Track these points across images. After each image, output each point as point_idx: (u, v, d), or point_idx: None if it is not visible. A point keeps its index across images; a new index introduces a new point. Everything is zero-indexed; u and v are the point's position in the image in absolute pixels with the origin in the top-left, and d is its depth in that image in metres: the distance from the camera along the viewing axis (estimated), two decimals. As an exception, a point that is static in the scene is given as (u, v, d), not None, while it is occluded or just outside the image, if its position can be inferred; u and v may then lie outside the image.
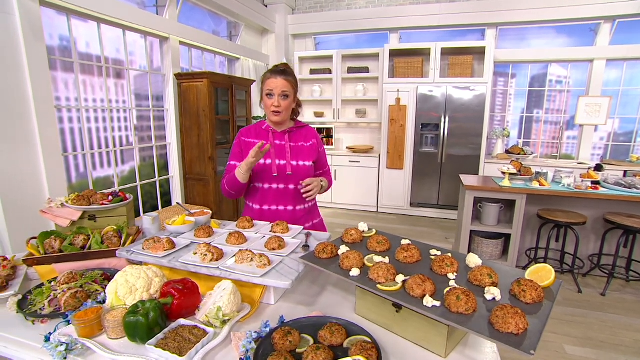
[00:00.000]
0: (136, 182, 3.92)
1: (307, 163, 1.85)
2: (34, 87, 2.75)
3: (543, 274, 1.05)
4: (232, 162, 1.87)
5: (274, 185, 1.84)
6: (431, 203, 5.61)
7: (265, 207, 1.85)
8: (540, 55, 5.35)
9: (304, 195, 1.77)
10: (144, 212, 4.04)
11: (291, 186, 1.83)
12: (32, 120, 2.78)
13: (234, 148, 1.90)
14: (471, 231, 3.58)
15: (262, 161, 1.81)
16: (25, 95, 2.74)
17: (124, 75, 3.73)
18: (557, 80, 5.49)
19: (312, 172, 1.89)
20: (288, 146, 1.84)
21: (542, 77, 5.52)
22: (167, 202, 4.44)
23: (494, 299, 0.98)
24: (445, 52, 5.31)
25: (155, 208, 4.26)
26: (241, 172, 1.72)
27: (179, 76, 4.17)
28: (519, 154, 4.87)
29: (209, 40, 4.71)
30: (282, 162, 1.82)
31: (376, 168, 5.76)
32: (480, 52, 5.23)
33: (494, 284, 1.05)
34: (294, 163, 1.83)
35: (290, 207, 1.86)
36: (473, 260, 1.18)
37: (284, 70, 1.77)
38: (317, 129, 6.26)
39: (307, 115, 6.45)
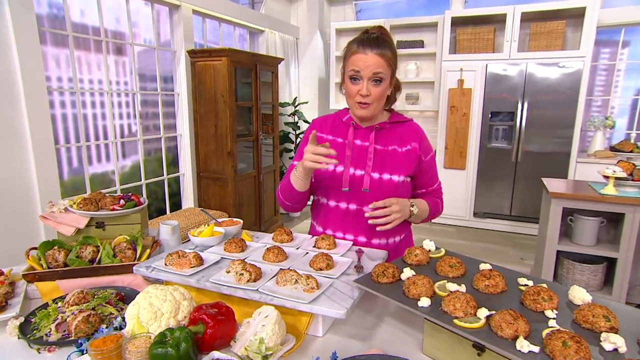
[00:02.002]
0: (140, 180, 4.06)
1: (395, 178, 1.61)
2: (22, 64, 2.84)
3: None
4: (296, 163, 1.68)
5: (343, 204, 1.65)
6: (502, 213, 5.49)
7: (329, 232, 1.70)
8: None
9: (370, 221, 1.54)
10: (149, 217, 4.17)
11: (368, 208, 1.58)
12: (20, 105, 2.88)
13: (302, 144, 1.74)
14: (558, 252, 3.47)
15: (330, 167, 1.61)
16: (13, 75, 2.82)
17: (126, 51, 3.87)
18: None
19: (402, 192, 1.64)
20: (372, 149, 1.62)
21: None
22: (175, 205, 4.57)
23: (616, 349, 0.94)
24: (527, 18, 5.16)
25: (161, 211, 4.40)
26: (298, 177, 1.55)
27: (192, 53, 4.29)
28: (630, 151, 4.68)
29: (227, 9, 4.82)
30: (359, 173, 1.61)
31: (431, 167, 5.69)
32: (576, 15, 5.02)
33: (614, 330, 1.01)
34: (376, 176, 1.60)
35: (363, 239, 1.66)
36: (579, 295, 1.14)
37: (377, 39, 1.51)
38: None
39: (345, 100, 6.44)
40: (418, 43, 5.90)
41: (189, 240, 1.62)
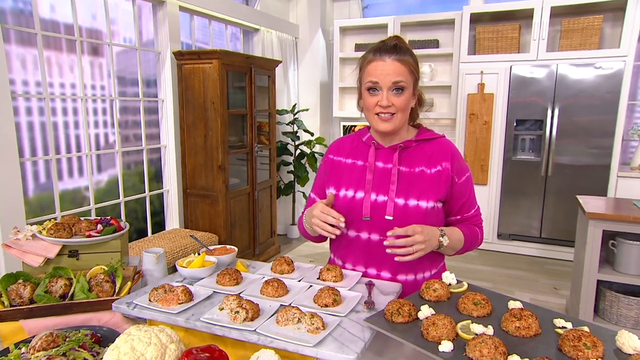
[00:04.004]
0: (118, 197, 4.06)
1: (423, 204, 1.58)
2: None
3: None
4: (312, 195, 1.81)
5: (364, 235, 1.64)
6: (530, 235, 5.48)
7: (349, 266, 1.71)
8: None
9: (388, 250, 1.48)
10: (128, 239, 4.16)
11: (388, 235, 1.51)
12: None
13: (318, 171, 1.82)
14: (599, 281, 3.44)
15: (349, 194, 1.65)
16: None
17: (104, 51, 3.88)
18: None
19: (431, 219, 1.60)
20: (396, 171, 1.62)
21: None
22: (157, 225, 4.56)
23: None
24: (557, 13, 5.20)
25: (142, 232, 4.39)
26: (309, 224, 1.63)
27: (179, 55, 4.32)
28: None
29: (218, 5, 4.86)
30: (382, 199, 1.60)
31: (449, 183, 5.69)
32: (616, 9, 5.04)
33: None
34: (401, 202, 1.58)
35: (387, 274, 1.64)
36: (629, 342, 1.11)
37: (395, 46, 1.54)
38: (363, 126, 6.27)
39: (350, 108, 6.48)
40: (432, 43, 5.93)
41: (175, 268, 1.61)
